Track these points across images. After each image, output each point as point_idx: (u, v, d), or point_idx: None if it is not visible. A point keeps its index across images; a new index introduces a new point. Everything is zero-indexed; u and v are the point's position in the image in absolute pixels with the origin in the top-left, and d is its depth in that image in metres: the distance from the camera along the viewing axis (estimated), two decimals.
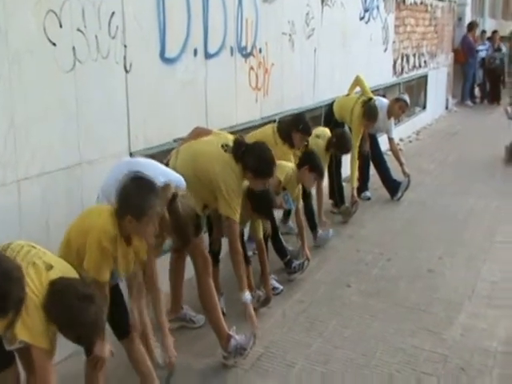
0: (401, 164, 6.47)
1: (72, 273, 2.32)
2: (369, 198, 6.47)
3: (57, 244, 2.72)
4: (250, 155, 3.38)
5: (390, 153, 6.72)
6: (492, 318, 3.88)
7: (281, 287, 4.23)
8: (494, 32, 14.46)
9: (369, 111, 5.65)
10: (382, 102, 6.25)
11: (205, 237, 3.60)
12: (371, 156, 6.36)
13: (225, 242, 3.80)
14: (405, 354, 3.46)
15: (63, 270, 2.28)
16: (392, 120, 6.39)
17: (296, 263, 4.45)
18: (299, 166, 4.41)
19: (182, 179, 3.09)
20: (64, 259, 2.43)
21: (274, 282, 4.20)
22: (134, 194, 2.50)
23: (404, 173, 6.47)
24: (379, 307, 4.04)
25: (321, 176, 4.60)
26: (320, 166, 4.51)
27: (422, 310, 4.00)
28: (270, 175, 3.47)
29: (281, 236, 4.54)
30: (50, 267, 2.23)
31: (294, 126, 4.52)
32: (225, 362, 3.34)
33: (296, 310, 4.00)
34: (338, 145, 5.14)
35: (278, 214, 4.88)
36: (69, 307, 2.13)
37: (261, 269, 3.98)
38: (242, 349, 3.28)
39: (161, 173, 2.99)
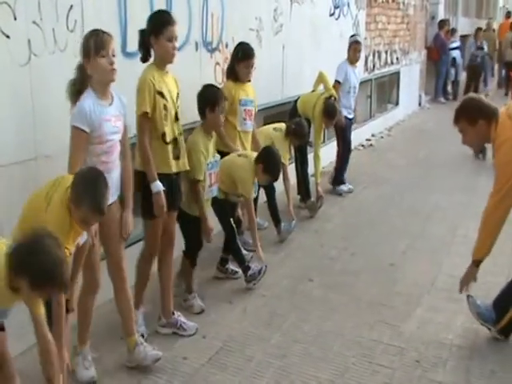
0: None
1: None
2: (341, 194, 6.53)
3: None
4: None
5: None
6: (450, 312, 3.94)
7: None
8: (478, 29, 14.55)
9: (327, 108, 5.70)
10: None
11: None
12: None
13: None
14: (362, 347, 3.51)
15: None
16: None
17: (251, 272, 4.23)
18: (256, 160, 4.25)
19: None
20: None
21: (230, 267, 4.39)
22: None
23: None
24: (339, 301, 4.08)
25: (274, 179, 4.40)
26: (275, 170, 4.27)
27: (381, 303, 4.05)
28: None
29: (238, 241, 4.32)
30: None
31: (234, 58, 4.55)
32: (159, 330, 3.62)
33: (257, 304, 4.03)
34: (297, 131, 5.17)
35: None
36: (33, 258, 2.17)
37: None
38: (182, 328, 3.59)
39: None
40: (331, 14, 7.54)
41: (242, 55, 4.47)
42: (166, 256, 3.60)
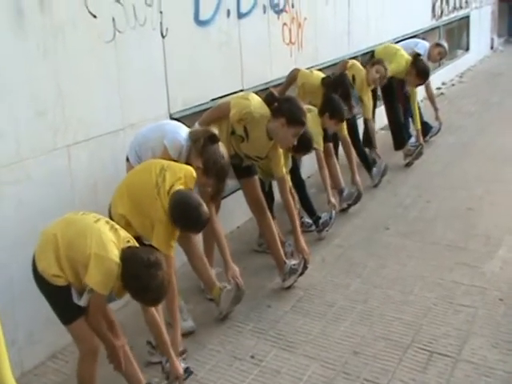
0: (435, 109, 6.50)
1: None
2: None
3: (104, 203, 3.04)
4: (284, 103, 3.52)
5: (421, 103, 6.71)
6: None
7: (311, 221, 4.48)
8: None
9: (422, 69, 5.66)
10: (424, 46, 6.34)
11: None
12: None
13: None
14: (443, 288, 3.60)
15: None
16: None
17: (322, 220, 4.40)
18: (320, 113, 4.44)
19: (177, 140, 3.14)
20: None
21: (305, 220, 4.47)
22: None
23: (437, 118, 6.52)
24: (417, 247, 4.18)
25: (341, 121, 4.60)
26: (340, 111, 4.47)
27: (460, 247, 4.12)
28: (303, 124, 3.54)
29: (308, 192, 4.51)
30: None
31: (333, 91, 4.53)
32: (283, 285, 3.72)
33: (335, 254, 4.17)
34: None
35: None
36: (138, 276, 2.40)
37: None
38: (295, 269, 3.69)
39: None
40: None
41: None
42: (265, 218, 3.80)
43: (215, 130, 3.16)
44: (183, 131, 3.19)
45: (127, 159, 3.28)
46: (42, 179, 3.05)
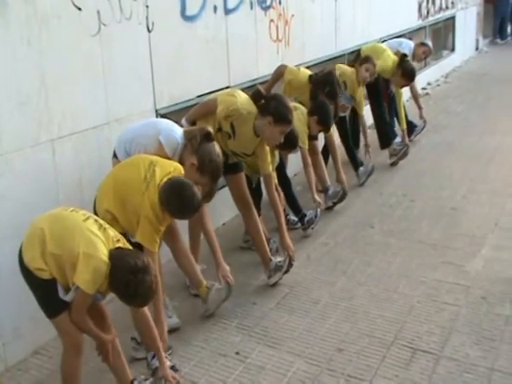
0: (419, 108, 6.55)
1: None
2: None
3: (89, 198, 3.01)
4: (271, 101, 3.52)
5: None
6: None
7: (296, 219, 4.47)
8: None
9: (408, 71, 5.68)
10: (409, 45, 6.37)
11: None
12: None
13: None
14: (426, 286, 3.63)
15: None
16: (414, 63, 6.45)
17: (308, 218, 4.39)
18: (309, 113, 4.46)
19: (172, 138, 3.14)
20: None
21: (291, 218, 4.46)
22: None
23: (421, 117, 6.58)
24: (402, 245, 4.20)
25: (327, 131, 4.67)
26: (328, 122, 4.53)
27: (444, 246, 4.15)
28: (289, 122, 3.57)
29: (294, 190, 4.52)
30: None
31: (320, 88, 4.53)
32: (269, 282, 3.72)
33: (320, 252, 4.18)
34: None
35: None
36: (125, 282, 2.37)
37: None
38: (280, 266, 3.68)
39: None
40: None
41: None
42: (251, 215, 3.78)
43: (211, 129, 3.15)
44: (178, 129, 3.19)
45: (114, 155, 3.25)
46: (25, 173, 3.01)
